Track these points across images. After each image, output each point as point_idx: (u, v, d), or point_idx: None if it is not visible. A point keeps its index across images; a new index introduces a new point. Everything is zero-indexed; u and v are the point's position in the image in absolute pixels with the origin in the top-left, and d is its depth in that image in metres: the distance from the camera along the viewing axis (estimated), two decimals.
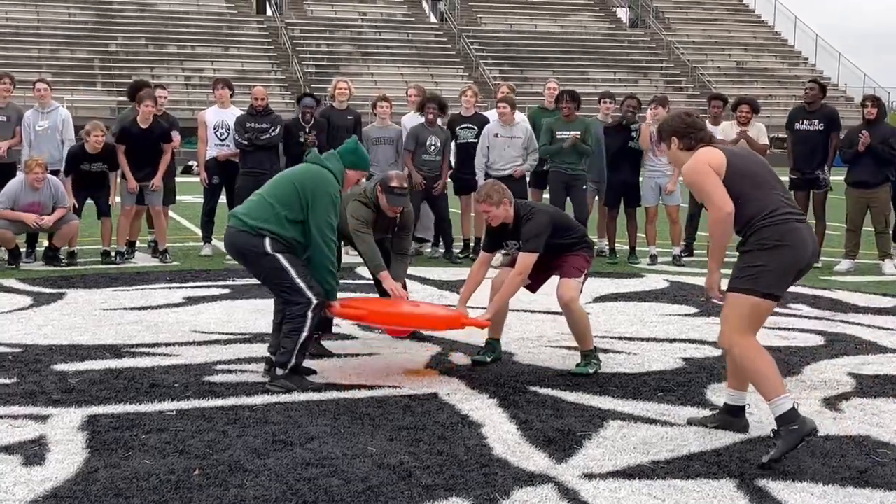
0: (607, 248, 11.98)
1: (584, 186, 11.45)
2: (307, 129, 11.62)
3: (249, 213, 6.20)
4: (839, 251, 11.98)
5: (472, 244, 12.26)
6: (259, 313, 8.40)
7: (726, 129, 11.72)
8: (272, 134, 11.58)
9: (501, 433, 5.22)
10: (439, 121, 11.89)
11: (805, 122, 11.72)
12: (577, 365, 6.57)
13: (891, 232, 11.57)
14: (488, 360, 6.79)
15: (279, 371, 6.10)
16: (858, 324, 8.26)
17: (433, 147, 11.59)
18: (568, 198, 11.47)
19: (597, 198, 12.14)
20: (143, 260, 11.62)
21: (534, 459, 4.82)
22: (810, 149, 11.60)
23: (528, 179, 11.86)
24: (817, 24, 64.56)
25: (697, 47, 52.14)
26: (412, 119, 12.17)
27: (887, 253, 11.44)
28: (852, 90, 49.82)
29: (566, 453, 4.92)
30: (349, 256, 11.81)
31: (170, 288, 9.69)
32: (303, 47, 46.13)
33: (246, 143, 11.45)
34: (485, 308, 6.88)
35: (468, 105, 12.20)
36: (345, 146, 6.51)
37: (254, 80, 39.99)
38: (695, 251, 12.27)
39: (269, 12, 50.67)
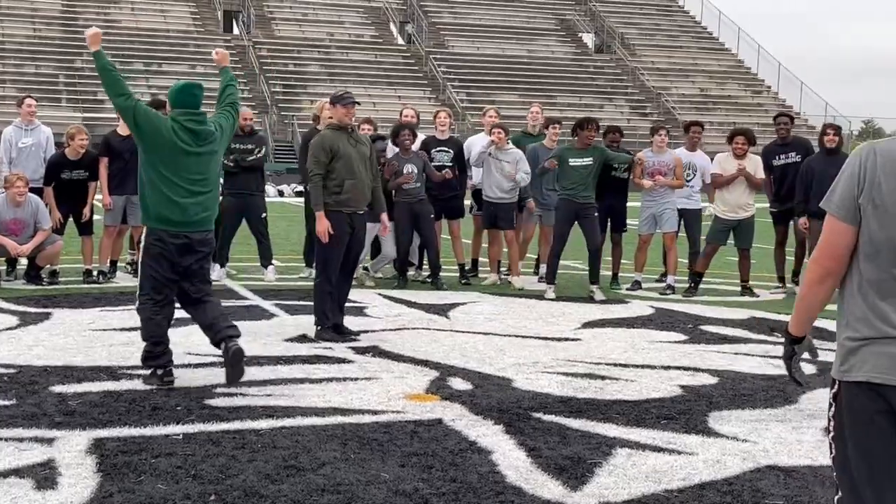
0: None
1: (596, 214, 11.13)
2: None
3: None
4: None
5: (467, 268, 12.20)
6: (251, 335, 8.36)
7: (722, 162, 11.61)
8: (258, 155, 11.57)
9: (512, 460, 5.23)
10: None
11: (782, 156, 11.79)
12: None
13: None
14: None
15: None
16: None
17: (413, 175, 11.41)
18: (579, 226, 11.19)
19: (538, 222, 12.14)
20: (124, 280, 11.51)
21: (548, 487, 4.84)
22: (792, 181, 11.61)
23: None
24: (781, 53, 65.49)
25: (662, 74, 52.60)
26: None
27: None
28: (814, 119, 50.49)
29: (579, 481, 4.94)
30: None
31: None
32: (270, 66, 46.05)
33: (232, 164, 11.40)
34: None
35: (442, 128, 12.20)
36: (173, 93, 6.87)
37: None
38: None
39: (236, 31, 50.56)
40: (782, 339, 7.03)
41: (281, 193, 31.47)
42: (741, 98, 52.37)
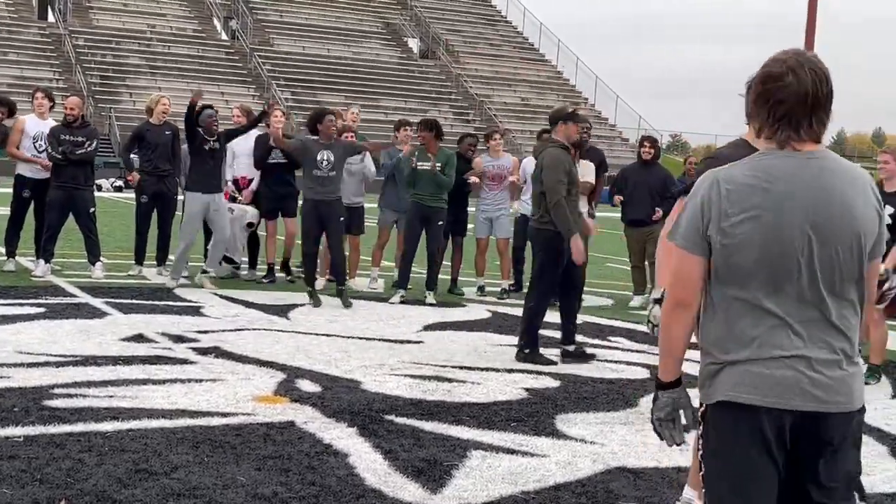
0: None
1: (440, 222, 10.96)
2: (216, 138, 11.00)
3: None
4: (630, 286, 12.34)
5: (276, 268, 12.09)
6: (84, 334, 8.08)
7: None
8: (88, 149, 11.14)
9: (369, 463, 5.20)
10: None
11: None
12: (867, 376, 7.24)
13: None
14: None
15: None
16: None
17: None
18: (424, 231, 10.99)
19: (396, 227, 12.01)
20: None
21: (408, 490, 4.83)
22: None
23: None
24: (600, 68, 67.72)
25: (485, 81, 53.43)
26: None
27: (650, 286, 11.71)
28: (628, 131, 52.28)
29: (438, 483, 4.95)
30: (162, 277, 11.50)
31: None
32: (87, 57, 44.55)
33: (60, 156, 10.95)
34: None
35: (278, 125, 12.07)
36: None
37: (34, 88, 38.13)
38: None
39: (51, 18, 48.65)
40: (617, 344, 7.19)
41: (99, 188, 30.44)
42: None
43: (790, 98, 2.87)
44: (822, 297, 2.87)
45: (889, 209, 7.46)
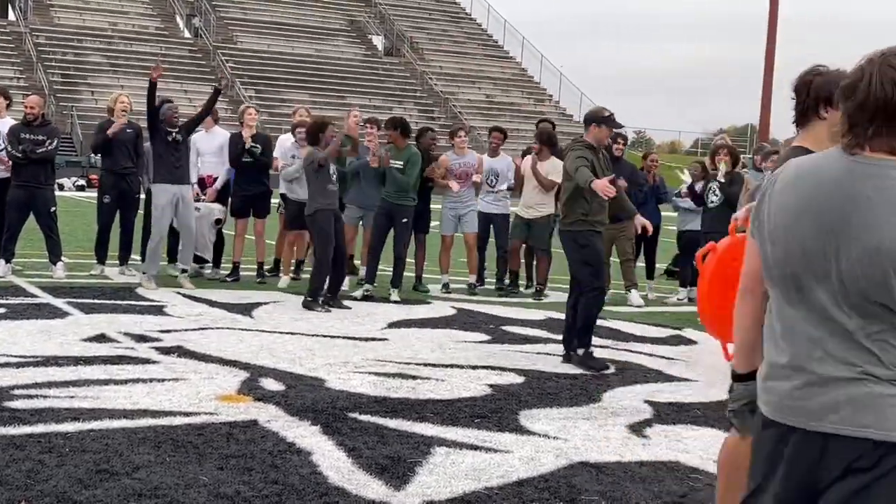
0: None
1: (405, 220, 10.93)
2: (178, 130, 10.95)
3: None
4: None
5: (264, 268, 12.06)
6: (45, 334, 8.01)
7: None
8: (48, 147, 11.05)
9: (332, 461, 5.19)
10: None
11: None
12: None
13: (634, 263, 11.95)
14: None
15: None
16: (640, 353, 8.72)
17: None
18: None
19: (361, 225, 11.96)
20: None
21: (371, 487, 4.83)
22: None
23: None
24: (563, 64, 67.81)
25: (450, 79, 53.46)
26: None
27: (633, 283, 11.81)
28: None
29: (402, 480, 4.95)
30: (126, 276, 11.44)
31: None
32: (48, 55, 44.18)
33: (20, 155, 10.85)
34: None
35: (251, 123, 12.04)
36: None
37: None
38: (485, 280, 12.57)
39: (11, 16, 48.23)
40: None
41: (61, 187, 30.20)
42: (524, 105, 53.81)
43: (861, 106, 2.61)
44: (844, 312, 2.57)
45: None
